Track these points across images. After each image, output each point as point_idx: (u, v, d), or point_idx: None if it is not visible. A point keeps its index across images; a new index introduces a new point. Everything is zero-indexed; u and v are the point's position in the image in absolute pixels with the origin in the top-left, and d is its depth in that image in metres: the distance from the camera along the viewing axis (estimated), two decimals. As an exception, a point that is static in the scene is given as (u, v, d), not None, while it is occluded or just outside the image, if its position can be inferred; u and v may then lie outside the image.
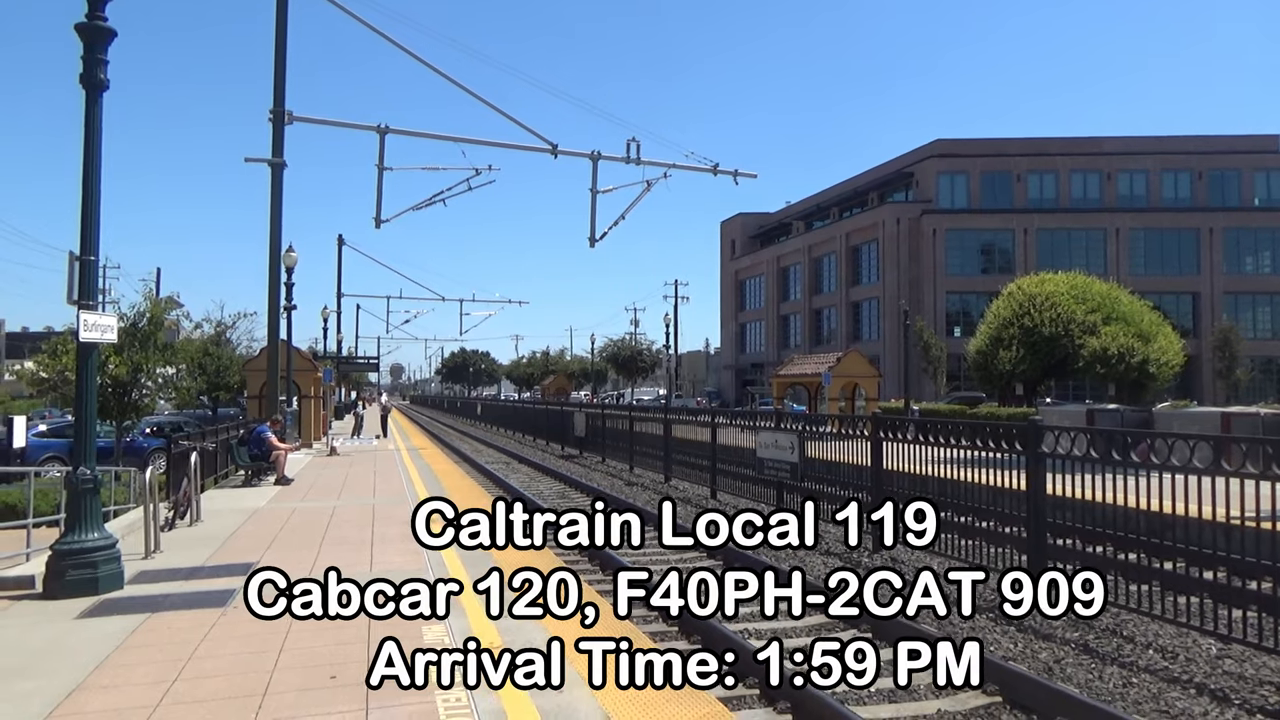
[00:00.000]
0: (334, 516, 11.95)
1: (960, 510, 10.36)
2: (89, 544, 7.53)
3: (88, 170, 7.79)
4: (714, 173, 24.28)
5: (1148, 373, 24.53)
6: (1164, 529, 7.74)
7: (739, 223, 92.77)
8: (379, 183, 22.28)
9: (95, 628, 6.41)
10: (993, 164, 65.29)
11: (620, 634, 6.10)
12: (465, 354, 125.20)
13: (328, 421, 33.53)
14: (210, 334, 34.82)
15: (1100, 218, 63.21)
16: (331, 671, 5.32)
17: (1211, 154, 64.72)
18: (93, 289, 7.79)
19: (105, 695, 4.97)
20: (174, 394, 29.41)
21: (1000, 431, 9.74)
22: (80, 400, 7.85)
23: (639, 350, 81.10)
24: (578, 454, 29.78)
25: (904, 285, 62.88)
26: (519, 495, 17.86)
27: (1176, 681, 6.61)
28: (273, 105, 21.28)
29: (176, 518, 11.30)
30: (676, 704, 4.78)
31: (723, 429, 18.15)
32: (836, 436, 13.46)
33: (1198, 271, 62.78)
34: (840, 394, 33.98)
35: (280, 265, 22.36)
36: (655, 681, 5.09)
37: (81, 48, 7.73)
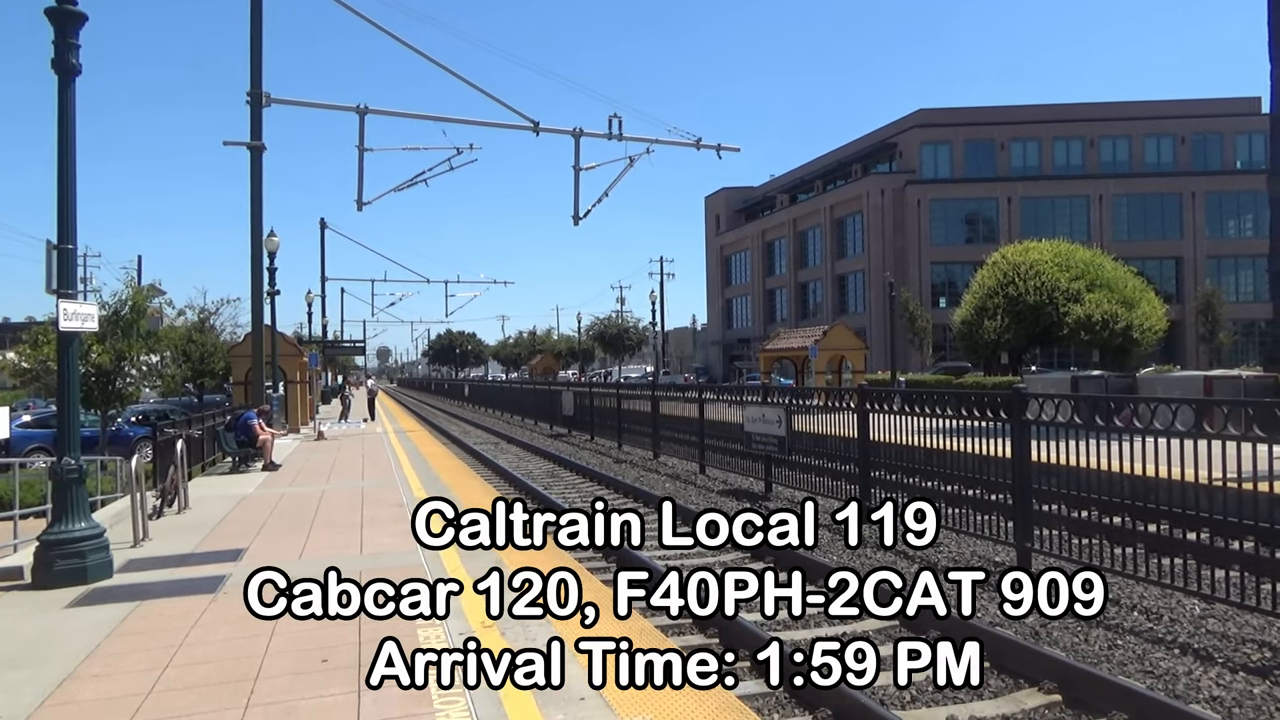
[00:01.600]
0: (323, 500, 11.94)
1: (947, 479, 10.43)
2: (76, 534, 7.50)
3: (62, 157, 7.71)
4: (697, 147, 24.15)
5: (1131, 339, 24.74)
6: (1148, 492, 7.81)
7: (723, 197, 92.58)
8: (360, 164, 22.10)
9: (85, 617, 6.40)
10: (976, 133, 65.30)
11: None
12: (451, 335, 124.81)
13: (314, 406, 33.42)
14: (194, 321, 34.57)
15: (1083, 184, 63.39)
16: (323, 655, 5.33)
17: (1194, 118, 64.88)
18: (72, 278, 7.71)
19: (97, 684, 4.97)
20: (159, 382, 29.26)
21: (985, 400, 9.78)
22: (63, 390, 7.80)
23: (626, 328, 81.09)
24: (566, 433, 29.81)
25: (889, 257, 62.97)
26: (509, 476, 17.88)
27: (1161, 642, 6.70)
28: (250, 87, 21.03)
29: (164, 506, 11.27)
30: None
31: (710, 404, 18.18)
32: (823, 409, 13.50)
33: (1180, 236, 63.12)
34: (827, 367, 34.08)
35: (262, 250, 22.17)
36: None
37: (52, 33, 7.61)
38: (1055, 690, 5.60)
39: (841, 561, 9.54)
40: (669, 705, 4.43)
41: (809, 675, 5.74)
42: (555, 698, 4.56)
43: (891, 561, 9.61)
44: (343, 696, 4.65)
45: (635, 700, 4.51)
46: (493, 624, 5.85)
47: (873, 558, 9.84)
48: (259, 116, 21.13)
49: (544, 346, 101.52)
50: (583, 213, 24.13)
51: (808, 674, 5.76)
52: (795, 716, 5.47)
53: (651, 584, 8.71)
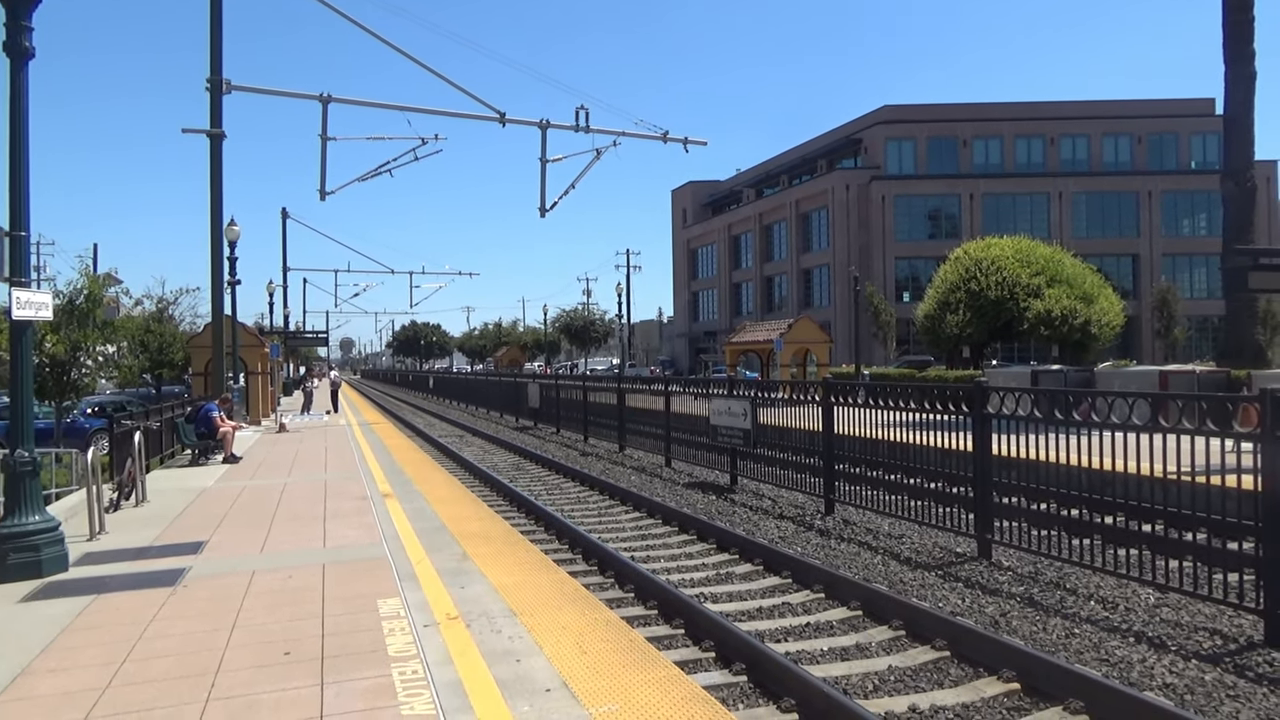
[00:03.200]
0: (285, 493, 11.80)
1: (910, 472, 10.56)
2: (30, 527, 7.34)
3: (14, 143, 7.52)
4: (664, 140, 24.11)
5: (1090, 334, 25.16)
6: (1104, 485, 7.97)
7: (690, 191, 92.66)
8: (323, 153, 21.81)
9: (40, 611, 6.27)
10: (939, 129, 65.96)
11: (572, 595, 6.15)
12: (416, 327, 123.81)
13: (276, 398, 32.97)
14: (152, 310, 33.93)
15: (1044, 182, 64.30)
16: (286, 648, 5.28)
17: (1151, 118, 66.07)
18: (25, 265, 7.53)
19: (53, 678, 4.88)
20: (116, 373, 28.68)
21: (947, 394, 9.92)
22: (16, 380, 7.62)
23: (592, 320, 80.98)
24: (532, 425, 29.72)
25: (854, 251, 63.45)
26: (474, 470, 17.79)
27: (1116, 630, 6.84)
28: (209, 74, 20.63)
29: (121, 499, 11.07)
30: (632, 668, 4.83)
31: (676, 397, 18.22)
32: (788, 402, 13.59)
33: (1137, 234, 64.27)
34: (792, 360, 34.30)
35: (222, 239, 21.78)
36: (609, 644, 5.14)
37: (3, 14, 7.42)
38: (1014, 679, 5.70)
39: (806, 552, 9.62)
40: (635, 696, 4.44)
41: (772, 665, 5.79)
42: (521, 689, 4.55)
43: (855, 553, 9.70)
44: (306, 689, 4.61)
45: (601, 690, 4.51)
46: (457, 617, 5.83)
47: (836, 549, 9.93)
48: (219, 103, 20.74)
49: (510, 338, 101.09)
50: (549, 204, 23.99)
51: (771, 664, 5.81)
52: (759, 706, 5.51)
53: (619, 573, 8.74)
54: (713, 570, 9.15)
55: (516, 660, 4.98)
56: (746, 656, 6.07)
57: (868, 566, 9.08)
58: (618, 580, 8.61)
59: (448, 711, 4.27)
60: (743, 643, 6.21)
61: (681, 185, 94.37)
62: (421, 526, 9.12)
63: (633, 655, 5.06)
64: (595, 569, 9.22)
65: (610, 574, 8.86)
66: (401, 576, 6.97)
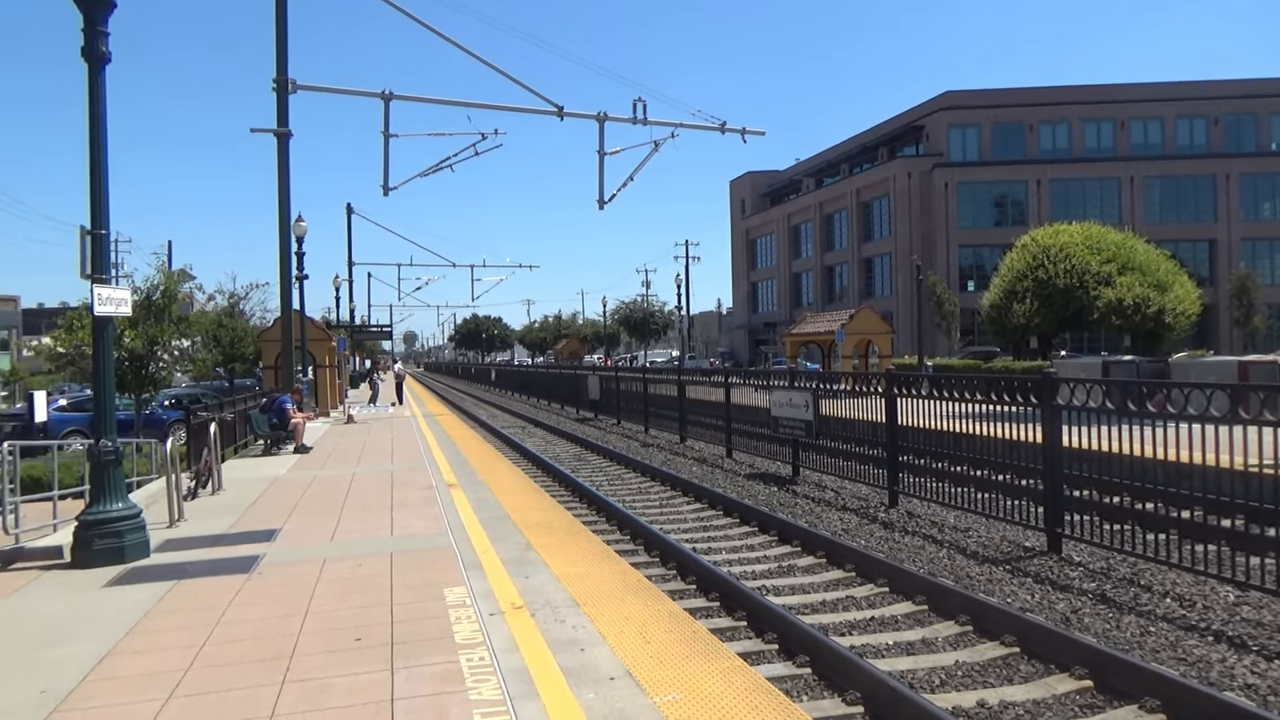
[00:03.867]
0: (353, 483, 12.06)
1: (976, 464, 10.37)
2: (114, 514, 7.63)
3: (94, 144, 7.79)
4: (721, 131, 23.97)
5: (1164, 323, 24.35)
6: (1181, 478, 7.74)
7: (748, 181, 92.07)
8: (385, 150, 22.23)
9: (124, 595, 6.52)
10: (1004, 115, 64.40)
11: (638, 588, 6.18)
12: (477, 320, 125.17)
13: (343, 390, 33.70)
14: (223, 305, 34.93)
15: (1114, 166, 62.39)
16: (356, 634, 5.41)
17: (1228, 99, 63.56)
18: (105, 263, 7.81)
19: (138, 660, 5.07)
20: (190, 366, 29.62)
21: (1015, 385, 9.71)
22: (98, 374, 7.91)
23: (651, 312, 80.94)
24: (592, 417, 29.89)
25: (916, 240, 62.40)
26: (537, 460, 17.97)
27: (1194, 629, 6.64)
28: (275, 74, 21.13)
29: (199, 487, 11.44)
30: (696, 659, 4.84)
31: (737, 389, 18.16)
32: (850, 394, 13.45)
33: (1214, 218, 62.01)
34: (854, 351, 33.90)
35: (290, 235, 22.31)
36: (674, 635, 5.16)
37: (81, 20, 7.68)
38: (1086, 676, 5.57)
39: (870, 545, 9.52)
40: (698, 685, 4.45)
41: (836, 658, 5.75)
42: (586, 677, 4.60)
43: (919, 546, 9.57)
44: (376, 674, 4.72)
45: (665, 679, 4.53)
46: (522, 606, 5.90)
47: (900, 542, 9.81)
48: (285, 103, 21.22)
49: (569, 331, 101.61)
50: (608, 197, 24.08)
51: (835, 657, 5.77)
52: (823, 699, 5.48)
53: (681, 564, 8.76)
54: (775, 563, 9.11)
55: (581, 649, 5.03)
56: (810, 649, 6.04)
57: (933, 560, 8.96)
58: (680, 572, 8.63)
59: (514, 698, 4.33)
60: (806, 635, 6.18)
61: (740, 176, 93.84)
62: (486, 516, 9.24)
63: (696, 646, 5.07)
64: (657, 560, 9.25)
65: (672, 565, 8.89)
66: (467, 566, 7.08)
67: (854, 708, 5.25)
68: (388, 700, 4.35)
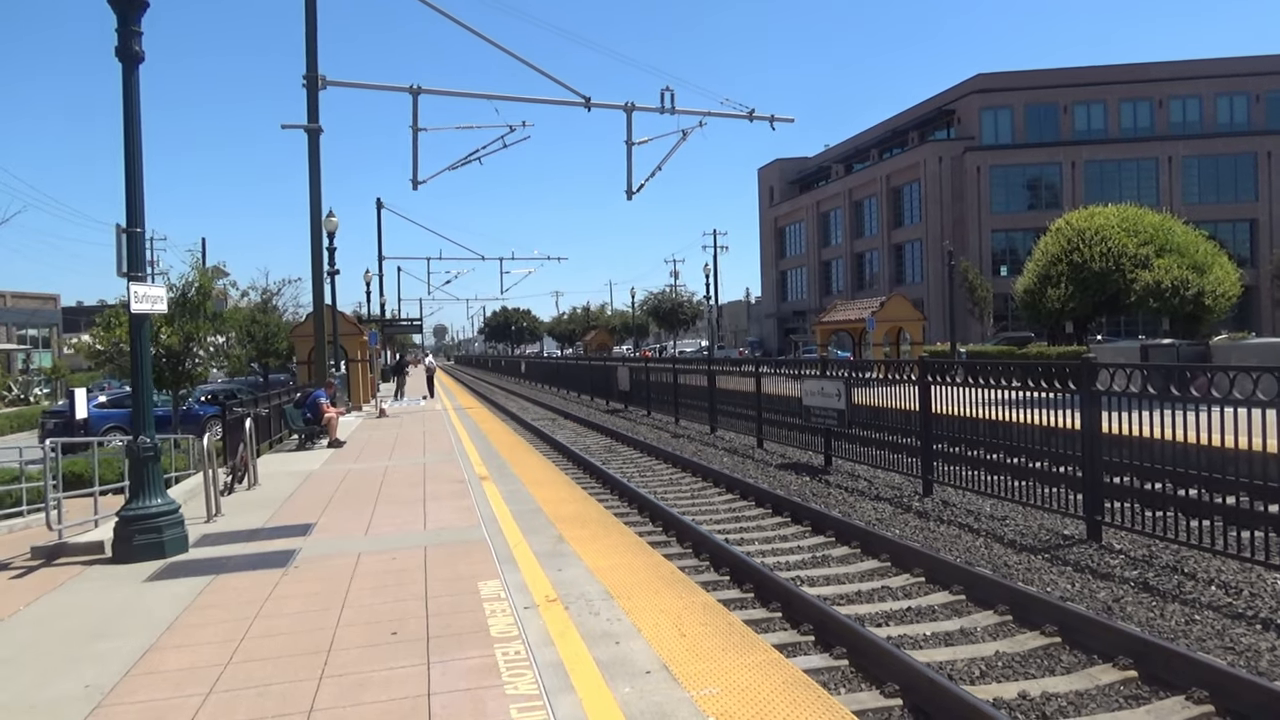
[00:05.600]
0: (386, 477, 12.15)
1: (1012, 452, 10.22)
2: (153, 509, 7.74)
3: (129, 143, 7.87)
4: (750, 119, 23.81)
5: (1203, 305, 23.85)
6: (1224, 464, 7.57)
7: (777, 169, 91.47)
8: (414, 144, 22.27)
9: (164, 590, 6.60)
10: (1037, 96, 63.40)
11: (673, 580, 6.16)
12: (507, 312, 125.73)
13: (375, 384, 33.97)
14: (257, 301, 35.32)
15: (1151, 146, 61.18)
16: (393, 628, 5.43)
17: (1270, 74, 62.06)
18: (141, 260, 7.89)
19: (179, 654, 5.13)
20: (225, 362, 29.99)
21: (1053, 371, 9.55)
22: (136, 370, 8.01)
23: (680, 302, 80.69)
24: (622, 408, 29.90)
25: (947, 225, 61.65)
26: (567, 452, 18.00)
27: (1241, 617, 6.50)
28: (306, 70, 21.27)
29: (235, 482, 11.57)
30: (732, 651, 4.81)
31: (767, 378, 18.06)
32: (883, 382, 13.32)
33: (1255, 198, 60.63)
34: (885, 339, 33.58)
35: (321, 230, 22.49)
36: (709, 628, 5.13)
37: (115, 20, 7.75)
38: (1130, 666, 5.47)
39: (905, 535, 9.43)
40: (735, 679, 4.42)
41: (874, 649, 5.69)
42: (622, 670, 4.58)
43: (955, 535, 9.46)
44: (413, 668, 4.73)
45: (701, 673, 4.50)
46: (556, 599, 5.90)
47: (936, 531, 9.70)
48: (315, 99, 21.38)
49: (598, 322, 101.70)
50: (636, 187, 24.03)
51: (873, 648, 5.71)
52: (861, 690, 5.42)
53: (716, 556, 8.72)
54: (808, 553, 9.05)
55: (616, 642, 5.01)
56: (847, 640, 5.98)
57: (969, 549, 8.85)
58: (713, 563, 8.59)
59: (551, 692, 4.32)
60: (843, 626, 6.13)
61: (768, 163, 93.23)
62: (518, 509, 9.26)
63: (731, 638, 5.03)
64: (690, 552, 9.22)
65: (705, 557, 8.85)
66: (500, 559, 7.09)
67: (893, 700, 5.19)
68: (424, 695, 4.36)
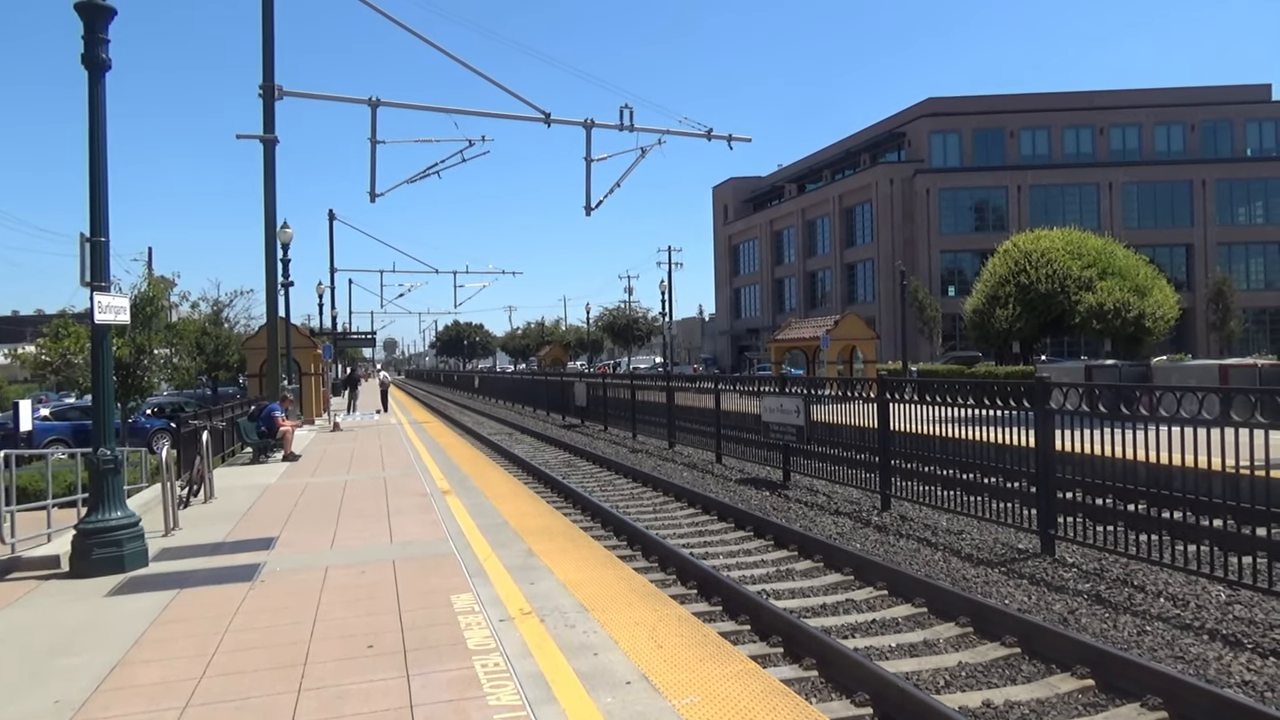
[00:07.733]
0: (347, 490, 12.04)
1: (968, 468, 10.49)
2: (113, 523, 7.60)
3: (93, 151, 7.77)
4: (708, 138, 24.07)
5: (1144, 327, 24.67)
6: (1168, 480, 7.87)
7: (731, 187, 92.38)
8: (372, 156, 22.09)
9: (128, 604, 6.50)
10: (985, 121, 65.05)
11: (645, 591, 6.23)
12: (460, 327, 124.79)
13: (327, 398, 33.56)
14: (208, 313, 34.69)
15: (1093, 172, 63.09)
16: (368, 641, 5.42)
17: (1204, 105, 64.55)
18: (105, 270, 7.77)
19: (150, 668, 5.07)
20: (173, 374, 29.38)
21: (1008, 390, 9.83)
22: (97, 381, 7.87)
23: (634, 318, 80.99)
24: (579, 423, 29.89)
25: (899, 245, 62.81)
26: (527, 466, 17.97)
27: (1189, 628, 6.76)
28: (262, 80, 21.05)
29: (190, 495, 11.39)
30: (709, 662, 4.90)
31: (726, 395, 18.24)
32: (841, 399, 13.56)
33: (1191, 223, 62.80)
34: (838, 357, 34.09)
35: (276, 242, 22.19)
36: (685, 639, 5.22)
37: (82, 27, 7.66)
38: (1088, 675, 5.67)
39: (865, 549, 9.61)
40: (714, 688, 4.51)
41: (844, 660, 5.82)
42: (602, 681, 4.64)
43: (915, 549, 9.67)
44: (392, 681, 4.74)
45: (681, 683, 4.58)
46: (531, 612, 5.94)
47: (896, 545, 9.90)
48: (271, 109, 21.14)
49: (552, 337, 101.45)
50: (595, 203, 24.14)
51: (842, 659, 5.84)
52: (833, 700, 5.54)
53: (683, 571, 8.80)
54: (773, 567, 9.18)
55: (594, 654, 5.07)
56: (816, 652, 6.10)
57: (929, 563, 9.06)
58: (680, 576, 8.68)
59: (534, 702, 4.37)
60: (812, 638, 6.25)
61: (723, 182, 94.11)
62: (484, 523, 9.26)
63: (708, 649, 5.12)
64: (656, 565, 9.29)
65: (672, 570, 8.93)
66: (471, 572, 7.10)
67: (863, 709, 5.32)
68: (407, 706, 4.37)
